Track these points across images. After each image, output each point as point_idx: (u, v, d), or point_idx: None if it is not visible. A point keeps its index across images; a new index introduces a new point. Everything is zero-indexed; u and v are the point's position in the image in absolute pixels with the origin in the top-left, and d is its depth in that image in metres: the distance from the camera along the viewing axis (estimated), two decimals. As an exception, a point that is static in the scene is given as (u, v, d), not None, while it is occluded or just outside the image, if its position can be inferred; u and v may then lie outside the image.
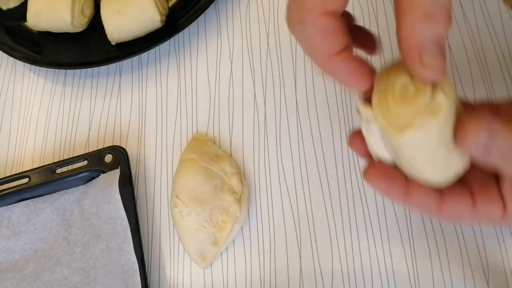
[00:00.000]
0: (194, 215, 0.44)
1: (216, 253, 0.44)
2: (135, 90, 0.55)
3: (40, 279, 0.44)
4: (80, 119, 0.54)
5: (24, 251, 0.46)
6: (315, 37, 0.26)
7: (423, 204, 0.29)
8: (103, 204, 0.46)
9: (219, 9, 0.58)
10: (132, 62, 0.56)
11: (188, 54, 0.56)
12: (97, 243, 0.45)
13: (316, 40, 0.26)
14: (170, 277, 0.45)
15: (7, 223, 0.47)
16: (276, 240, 0.45)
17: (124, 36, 0.53)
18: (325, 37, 0.26)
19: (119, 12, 0.51)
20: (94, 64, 0.54)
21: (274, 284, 0.43)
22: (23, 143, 0.54)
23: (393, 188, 0.29)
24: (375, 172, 0.29)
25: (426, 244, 0.42)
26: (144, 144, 0.51)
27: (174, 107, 0.53)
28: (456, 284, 0.41)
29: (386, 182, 0.29)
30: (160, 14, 0.52)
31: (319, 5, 0.24)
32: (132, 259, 0.43)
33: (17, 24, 0.58)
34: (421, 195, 0.29)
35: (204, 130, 0.51)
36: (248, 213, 0.46)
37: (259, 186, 0.47)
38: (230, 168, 0.46)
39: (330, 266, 0.43)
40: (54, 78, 0.57)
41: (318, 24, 0.25)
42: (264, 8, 0.57)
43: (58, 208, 0.47)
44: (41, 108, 0.55)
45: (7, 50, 0.56)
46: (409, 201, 0.29)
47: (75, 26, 0.54)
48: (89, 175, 0.48)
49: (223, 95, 0.52)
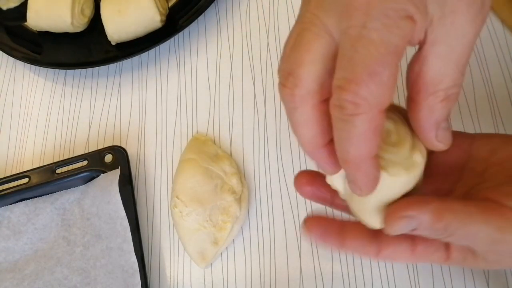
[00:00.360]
0: (194, 215, 0.44)
1: (216, 253, 0.44)
2: (135, 90, 0.55)
3: (40, 279, 0.44)
4: (80, 119, 0.54)
5: (24, 251, 0.46)
6: (305, 125, 0.25)
7: (361, 250, 0.30)
8: (103, 204, 0.46)
9: (219, 9, 0.58)
10: (132, 62, 0.56)
11: (188, 54, 0.56)
12: (97, 243, 0.45)
13: (305, 128, 0.26)
14: (170, 277, 0.45)
15: (7, 223, 0.47)
16: (276, 240, 0.45)
17: (124, 36, 0.53)
18: (313, 128, 0.25)
19: (119, 12, 0.51)
20: (94, 64, 0.54)
21: (274, 284, 0.43)
22: (23, 143, 0.54)
23: (328, 240, 0.30)
24: (312, 225, 0.30)
25: (426, 244, 0.42)
26: (144, 144, 0.51)
27: (174, 107, 0.53)
28: (456, 284, 0.41)
29: (323, 235, 0.30)
30: (160, 14, 0.52)
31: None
32: (132, 259, 0.43)
33: (17, 24, 0.58)
34: (356, 244, 0.30)
35: (204, 130, 0.51)
36: (248, 213, 0.46)
37: (259, 186, 0.47)
38: (230, 168, 0.46)
39: (330, 266, 0.43)
40: (54, 78, 0.57)
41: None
42: (264, 8, 0.57)
43: (58, 208, 0.47)
44: (41, 108, 0.55)
45: (7, 50, 0.56)
46: (347, 249, 0.30)
47: (75, 26, 0.54)
48: (89, 175, 0.48)
49: (223, 95, 0.52)
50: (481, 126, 0.47)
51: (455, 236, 0.26)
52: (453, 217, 0.26)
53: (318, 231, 0.30)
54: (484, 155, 0.31)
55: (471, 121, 0.47)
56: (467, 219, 0.26)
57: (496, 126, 0.46)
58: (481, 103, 0.48)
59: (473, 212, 0.26)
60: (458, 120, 0.47)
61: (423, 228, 0.26)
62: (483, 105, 0.47)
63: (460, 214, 0.26)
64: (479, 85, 0.48)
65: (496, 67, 0.49)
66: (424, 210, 0.26)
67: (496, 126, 0.46)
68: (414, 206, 0.26)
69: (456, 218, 0.26)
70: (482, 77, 0.49)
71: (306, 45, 0.24)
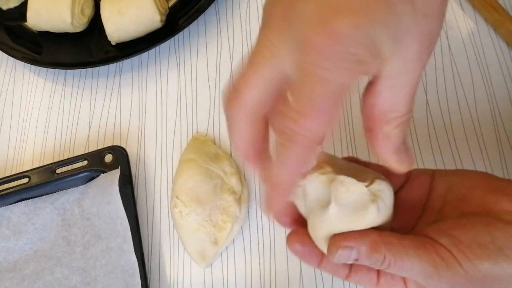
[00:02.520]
0: (194, 215, 0.44)
1: (216, 253, 0.44)
2: (135, 90, 0.55)
3: (40, 279, 0.44)
4: (80, 119, 0.54)
5: (24, 251, 0.46)
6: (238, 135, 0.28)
7: (333, 272, 0.33)
8: (103, 204, 0.46)
9: (219, 9, 0.58)
10: (132, 62, 0.56)
11: (188, 54, 0.56)
12: (97, 243, 0.45)
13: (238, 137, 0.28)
14: (170, 277, 0.45)
15: (7, 223, 0.47)
16: (276, 240, 0.45)
17: (124, 36, 0.53)
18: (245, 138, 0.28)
19: (119, 12, 0.51)
20: (94, 64, 0.54)
21: (274, 284, 0.43)
22: (23, 143, 0.54)
23: (309, 258, 0.32)
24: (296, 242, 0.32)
25: (426, 244, 0.42)
26: (144, 144, 0.51)
27: (174, 107, 0.53)
28: (456, 284, 0.41)
29: (305, 253, 0.32)
30: (160, 14, 0.52)
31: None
32: (132, 259, 0.43)
33: (17, 24, 0.58)
34: (332, 267, 0.32)
35: (204, 130, 0.51)
36: (248, 213, 0.46)
37: (259, 186, 0.47)
38: (230, 168, 0.46)
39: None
40: (54, 78, 0.57)
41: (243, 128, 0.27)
42: (264, 8, 0.56)
43: (58, 208, 0.47)
44: (41, 108, 0.55)
45: (7, 50, 0.56)
46: (322, 268, 0.33)
47: (75, 26, 0.54)
48: (89, 175, 0.48)
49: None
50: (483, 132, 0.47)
51: (392, 267, 0.28)
52: (387, 249, 0.28)
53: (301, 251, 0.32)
54: (441, 193, 0.33)
55: (471, 121, 0.47)
56: (402, 253, 0.28)
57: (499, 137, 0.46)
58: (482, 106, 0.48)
59: (407, 246, 0.28)
60: (459, 120, 0.47)
61: (363, 259, 0.29)
62: (484, 106, 0.48)
63: (394, 248, 0.28)
64: (483, 106, 0.49)
65: (502, 85, 0.49)
66: (361, 242, 0.28)
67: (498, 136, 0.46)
68: (353, 237, 0.29)
69: (390, 251, 0.28)
70: (487, 94, 0.49)
71: (256, 68, 0.26)
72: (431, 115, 0.48)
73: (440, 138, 0.47)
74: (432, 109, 0.48)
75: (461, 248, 0.28)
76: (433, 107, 0.48)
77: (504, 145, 0.46)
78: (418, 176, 0.35)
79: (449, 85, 0.49)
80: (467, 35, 0.51)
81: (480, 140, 0.46)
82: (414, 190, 0.34)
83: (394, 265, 0.28)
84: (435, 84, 0.49)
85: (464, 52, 0.50)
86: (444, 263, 0.28)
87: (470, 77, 0.49)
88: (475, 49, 0.50)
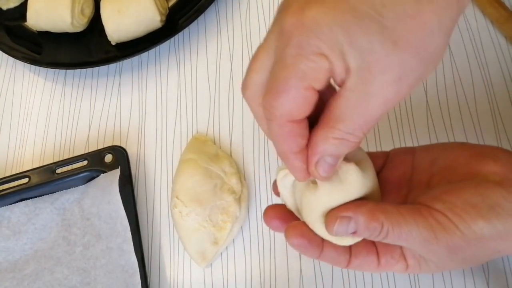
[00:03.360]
0: (194, 215, 0.44)
1: (216, 252, 0.44)
2: (135, 90, 0.55)
3: (40, 279, 0.44)
4: (80, 119, 0.54)
5: (24, 251, 0.46)
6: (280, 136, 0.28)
7: (334, 261, 0.33)
8: (103, 204, 0.46)
9: (219, 9, 0.58)
10: (132, 62, 0.56)
11: (188, 54, 0.56)
12: (97, 243, 0.45)
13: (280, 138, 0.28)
14: (170, 277, 0.45)
15: (7, 223, 0.47)
16: (276, 240, 0.45)
17: (124, 36, 0.53)
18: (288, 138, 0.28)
19: (119, 12, 0.51)
20: (94, 64, 0.54)
21: (274, 284, 0.43)
22: (23, 143, 0.54)
23: (310, 249, 0.32)
24: (295, 234, 0.32)
25: (426, 244, 0.42)
26: (144, 144, 0.51)
27: (174, 107, 0.53)
28: (456, 284, 0.41)
29: (304, 244, 0.32)
30: (160, 14, 0.52)
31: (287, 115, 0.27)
32: (132, 259, 0.43)
33: (17, 24, 0.58)
34: (332, 255, 0.32)
35: (204, 130, 0.51)
36: (248, 213, 0.46)
37: (259, 186, 0.47)
38: (229, 168, 0.46)
39: (330, 266, 0.43)
40: (54, 78, 0.57)
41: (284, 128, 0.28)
42: (264, 8, 0.57)
43: (58, 208, 0.47)
44: (41, 108, 0.55)
45: (7, 50, 0.56)
46: (322, 259, 0.33)
47: (75, 26, 0.54)
48: (89, 175, 0.48)
49: (223, 95, 0.52)
50: (482, 128, 0.47)
51: (390, 235, 0.29)
52: (385, 217, 0.29)
53: (300, 243, 0.32)
54: (426, 166, 0.34)
55: (471, 122, 0.47)
56: (399, 219, 0.29)
57: (498, 133, 0.46)
58: (481, 103, 0.48)
59: (404, 213, 0.29)
60: (459, 121, 0.47)
61: (361, 229, 0.29)
62: (483, 104, 0.48)
63: (391, 215, 0.29)
64: (481, 94, 0.49)
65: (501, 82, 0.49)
66: (359, 211, 0.29)
67: (497, 132, 0.46)
68: (350, 207, 0.30)
69: (388, 218, 0.29)
70: (487, 94, 0.49)
71: (256, 56, 0.29)
72: (431, 115, 0.48)
73: (440, 138, 0.47)
74: (432, 109, 0.48)
75: (455, 211, 0.29)
76: (433, 107, 0.48)
77: (504, 145, 0.46)
78: (397, 155, 0.35)
79: (449, 85, 0.49)
80: (466, 33, 0.51)
81: (480, 140, 0.46)
82: (396, 168, 0.35)
83: (393, 233, 0.29)
84: (435, 84, 0.49)
85: (464, 52, 0.50)
86: (441, 226, 0.29)
87: (470, 76, 0.49)
88: (475, 48, 0.50)
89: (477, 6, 0.52)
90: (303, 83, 0.26)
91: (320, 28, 0.24)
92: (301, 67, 0.25)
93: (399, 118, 0.48)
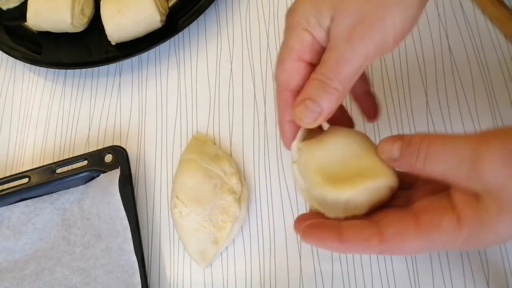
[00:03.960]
0: (194, 215, 0.44)
1: (216, 252, 0.44)
2: (135, 90, 0.55)
3: (40, 279, 0.44)
4: (80, 119, 0.54)
5: (24, 251, 0.46)
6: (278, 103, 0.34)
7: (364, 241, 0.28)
8: (103, 204, 0.46)
9: (219, 9, 0.58)
10: (132, 62, 0.56)
11: (188, 54, 0.56)
12: (97, 243, 0.45)
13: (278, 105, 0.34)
14: (170, 277, 0.45)
15: (7, 223, 0.47)
16: (276, 240, 0.45)
17: (124, 36, 0.53)
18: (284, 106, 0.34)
19: (119, 12, 0.51)
20: (94, 64, 0.54)
21: (274, 284, 0.43)
22: (23, 143, 0.54)
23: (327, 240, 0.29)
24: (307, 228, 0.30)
25: (426, 244, 0.42)
26: (144, 144, 0.51)
27: (174, 107, 0.53)
28: (456, 284, 0.41)
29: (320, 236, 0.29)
30: (160, 14, 0.52)
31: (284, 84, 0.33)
32: (132, 259, 0.43)
33: (17, 24, 0.58)
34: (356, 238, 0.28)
35: (204, 130, 0.51)
36: (248, 213, 0.46)
37: (259, 186, 0.47)
38: (229, 168, 0.46)
39: (330, 265, 0.43)
40: (54, 78, 0.57)
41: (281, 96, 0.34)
42: (264, 8, 0.57)
43: (58, 208, 0.47)
44: (41, 108, 0.55)
45: (7, 50, 0.56)
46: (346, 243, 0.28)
47: (75, 26, 0.54)
48: (89, 175, 0.48)
49: (223, 95, 0.52)
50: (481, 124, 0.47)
51: (429, 160, 0.27)
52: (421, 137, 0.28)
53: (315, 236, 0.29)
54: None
55: (471, 122, 0.47)
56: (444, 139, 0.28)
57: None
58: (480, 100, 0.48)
59: (446, 137, 0.28)
60: (459, 121, 0.47)
61: (402, 157, 0.29)
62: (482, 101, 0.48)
63: (432, 138, 0.28)
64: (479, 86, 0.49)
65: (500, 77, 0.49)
66: (399, 136, 0.30)
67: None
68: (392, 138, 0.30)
69: (426, 138, 0.28)
70: (487, 94, 0.49)
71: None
72: (431, 115, 0.48)
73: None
74: (432, 109, 0.48)
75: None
76: (433, 107, 0.48)
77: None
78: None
79: (449, 85, 0.49)
80: (466, 33, 0.51)
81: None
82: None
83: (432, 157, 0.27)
84: (435, 84, 0.49)
85: (464, 52, 0.50)
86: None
87: (470, 76, 0.49)
88: (474, 48, 0.50)
89: (477, 6, 0.52)
90: (293, 55, 0.32)
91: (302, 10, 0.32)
92: (290, 42, 0.33)
93: (399, 118, 0.48)
